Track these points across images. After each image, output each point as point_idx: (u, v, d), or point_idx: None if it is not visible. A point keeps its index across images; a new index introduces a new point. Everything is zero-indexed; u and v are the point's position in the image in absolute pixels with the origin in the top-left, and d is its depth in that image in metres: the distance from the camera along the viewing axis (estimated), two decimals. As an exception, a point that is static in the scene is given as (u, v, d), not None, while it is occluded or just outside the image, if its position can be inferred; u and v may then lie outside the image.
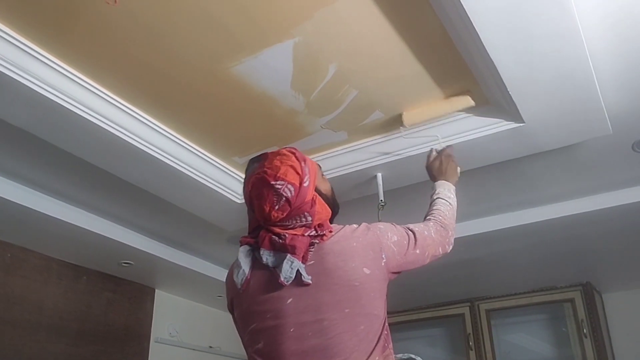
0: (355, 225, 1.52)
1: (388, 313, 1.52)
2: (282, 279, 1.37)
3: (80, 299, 3.33)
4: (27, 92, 1.82)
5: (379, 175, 2.42)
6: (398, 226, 1.60)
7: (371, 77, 1.98)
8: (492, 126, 2.13)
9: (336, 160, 2.43)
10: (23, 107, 1.90)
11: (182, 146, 2.33)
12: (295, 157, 1.51)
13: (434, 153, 2.07)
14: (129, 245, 3.08)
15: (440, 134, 2.18)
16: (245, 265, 1.46)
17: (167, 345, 3.84)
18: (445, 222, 1.74)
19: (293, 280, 1.38)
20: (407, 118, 2.15)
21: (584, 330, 3.63)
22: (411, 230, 1.62)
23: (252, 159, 1.60)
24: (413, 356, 1.68)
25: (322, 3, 1.64)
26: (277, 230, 1.44)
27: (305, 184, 1.46)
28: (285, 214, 1.44)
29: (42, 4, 1.62)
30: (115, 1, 1.39)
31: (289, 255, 1.39)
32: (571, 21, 1.61)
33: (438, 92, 2.08)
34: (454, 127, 2.19)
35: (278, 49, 1.82)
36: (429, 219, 1.75)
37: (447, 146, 2.08)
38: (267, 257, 1.43)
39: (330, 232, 1.48)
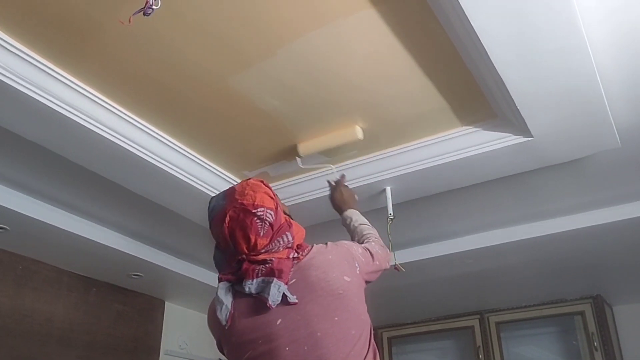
0: (322, 244, 1.59)
1: (398, 325, 1.55)
2: (270, 302, 1.40)
3: (90, 310, 3.34)
4: (42, 108, 1.85)
5: (388, 188, 2.42)
6: (353, 242, 1.72)
7: (380, 93, 2.00)
8: (501, 140, 2.13)
9: (346, 174, 2.44)
10: (37, 122, 1.93)
11: (193, 160, 2.35)
12: (264, 184, 1.55)
13: (332, 184, 2.21)
14: (138, 258, 3.10)
15: (449, 148, 2.19)
16: (226, 300, 1.47)
17: (177, 357, 3.84)
18: (378, 241, 1.88)
19: (279, 303, 1.41)
20: (302, 148, 2.26)
21: (595, 344, 3.61)
22: (367, 248, 1.73)
23: (213, 197, 1.61)
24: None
25: (332, 17, 1.67)
26: (262, 257, 1.47)
27: (278, 208, 1.51)
28: (268, 240, 1.47)
29: (57, 24, 1.65)
30: (130, 21, 1.41)
31: (275, 279, 1.42)
32: (578, 35, 1.62)
33: (447, 108, 2.09)
34: (463, 141, 2.20)
35: (285, 63, 1.84)
36: (368, 240, 1.87)
37: (341, 176, 2.20)
38: (250, 286, 1.44)
39: (308, 250, 1.54)
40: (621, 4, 1.64)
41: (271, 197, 1.51)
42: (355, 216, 2.06)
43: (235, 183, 2.54)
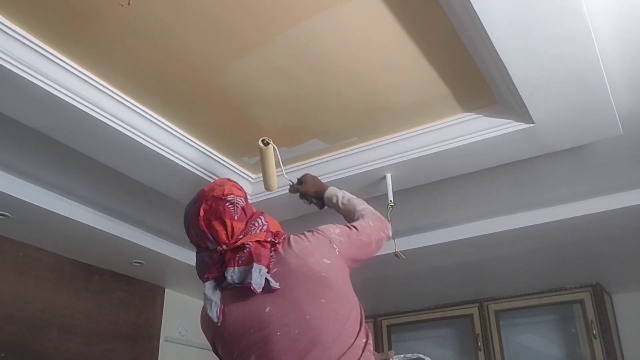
0: (298, 234, 1.60)
1: (397, 313, 1.56)
2: (253, 286, 1.43)
3: (92, 298, 3.36)
4: (41, 93, 1.84)
5: (389, 175, 2.42)
6: (337, 224, 1.69)
7: (380, 79, 2.00)
8: (502, 127, 2.13)
9: (346, 161, 2.44)
10: (37, 108, 1.92)
11: (193, 146, 2.35)
12: (230, 181, 1.62)
13: (296, 184, 2.20)
14: (140, 245, 3.10)
15: (450, 135, 2.21)
16: (215, 297, 1.50)
17: (177, 344, 3.86)
18: (375, 211, 1.88)
19: (264, 290, 1.45)
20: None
21: (594, 332, 3.62)
22: (352, 225, 1.72)
23: (186, 206, 1.65)
24: (422, 356, 1.70)
25: (332, 2, 1.66)
26: (241, 242, 1.50)
27: (247, 198, 1.59)
28: (244, 224, 1.53)
29: (58, 8, 1.64)
30: (129, 3, 1.40)
31: (255, 264, 1.45)
32: (582, 22, 1.61)
33: (448, 94, 2.08)
34: (464, 127, 2.19)
35: (284, 49, 1.84)
36: (361, 214, 1.85)
37: (303, 175, 2.21)
38: (232, 274, 1.47)
39: (285, 237, 1.58)
40: (625, -9, 1.63)
41: (239, 189, 1.59)
42: (339, 193, 2.04)
43: (236, 170, 2.56)
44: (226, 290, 1.51)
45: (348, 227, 1.69)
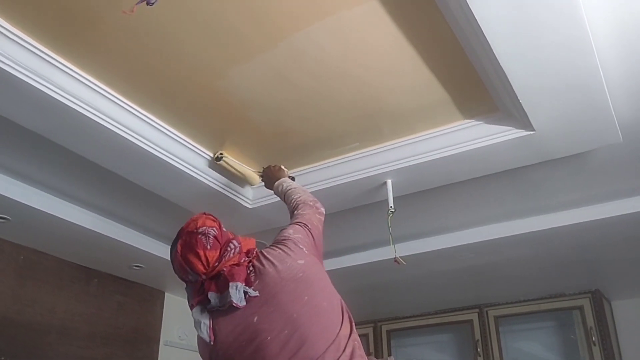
0: (268, 247, 1.69)
1: (397, 318, 1.59)
2: (235, 303, 1.49)
3: (92, 301, 3.36)
4: (42, 96, 1.85)
5: (389, 181, 2.42)
6: (286, 227, 1.78)
7: (382, 85, 2.00)
8: (503, 134, 2.13)
9: (346, 167, 2.44)
10: (37, 111, 1.93)
11: (194, 151, 2.36)
12: (205, 214, 1.68)
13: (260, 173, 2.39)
14: (140, 249, 3.11)
15: (451, 141, 2.22)
16: (203, 318, 1.56)
17: (176, 348, 3.85)
18: (302, 198, 1.98)
19: (248, 302, 1.51)
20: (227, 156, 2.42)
21: (593, 338, 3.62)
22: (298, 221, 1.82)
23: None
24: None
25: (334, 9, 1.67)
26: (217, 270, 1.56)
27: (222, 227, 1.65)
28: (218, 252, 1.58)
29: (60, 13, 1.65)
30: (133, 11, 1.41)
31: (230, 284, 1.51)
32: (582, 29, 1.62)
33: (449, 101, 2.09)
34: (464, 134, 2.20)
35: (286, 55, 1.85)
36: (296, 205, 1.96)
37: (266, 167, 2.34)
38: (214, 298, 1.54)
39: (257, 253, 1.66)
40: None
41: (213, 220, 1.65)
42: (281, 185, 2.15)
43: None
44: (213, 312, 1.56)
45: (299, 225, 1.77)
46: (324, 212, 1.93)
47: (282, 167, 2.30)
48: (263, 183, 2.34)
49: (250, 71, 1.92)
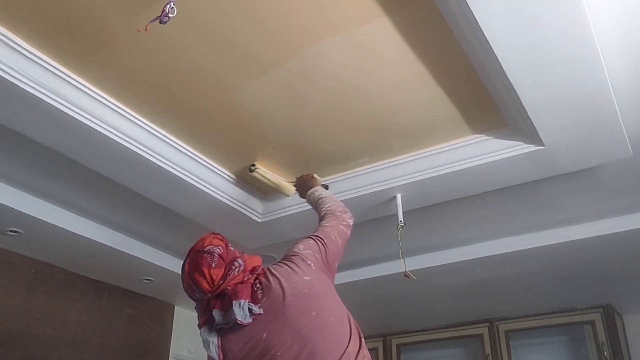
0: (274, 263, 1.70)
1: (407, 332, 1.59)
2: (239, 320, 1.51)
3: (102, 314, 3.37)
4: (57, 113, 1.88)
5: (399, 196, 2.43)
6: (302, 240, 1.79)
7: (392, 101, 2.02)
8: (512, 149, 2.14)
9: (356, 181, 2.45)
10: (52, 127, 1.96)
11: (206, 166, 2.38)
12: (214, 234, 1.71)
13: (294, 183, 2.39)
14: (150, 262, 3.12)
15: (460, 156, 2.22)
16: (212, 337, 1.57)
17: (186, 362, 3.86)
18: (332, 208, 1.99)
19: (255, 319, 1.53)
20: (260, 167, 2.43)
21: (605, 353, 3.58)
22: (315, 235, 1.81)
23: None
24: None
25: (345, 26, 1.69)
26: (222, 288, 1.58)
27: (229, 245, 1.67)
28: (223, 270, 1.60)
29: (73, 30, 1.68)
30: (146, 29, 1.43)
31: (233, 302, 1.53)
32: (591, 44, 1.62)
33: (458, 116, 2.10)
34: (474, 149, 2.20)
35: (298, 71, 1.87)
36: (323, 215, 1.98)
37: (299, 176, 2.35)
38: (218, 316, 1.56)
39: (263, 270, 1.68)
40: (634, 12, 1.64)
41: (220, 239, 1.67)
42: (313, 194, 2.16)
43: (247, 190, 2.58)
44: (222, 330, 1.57)
45: (313, 239, 1.77)
46: (351, 223, 1.94)
47: (315, 175, 2.31)
48: (298, 193, 2.35)
49: (264, 86, 1.94)
